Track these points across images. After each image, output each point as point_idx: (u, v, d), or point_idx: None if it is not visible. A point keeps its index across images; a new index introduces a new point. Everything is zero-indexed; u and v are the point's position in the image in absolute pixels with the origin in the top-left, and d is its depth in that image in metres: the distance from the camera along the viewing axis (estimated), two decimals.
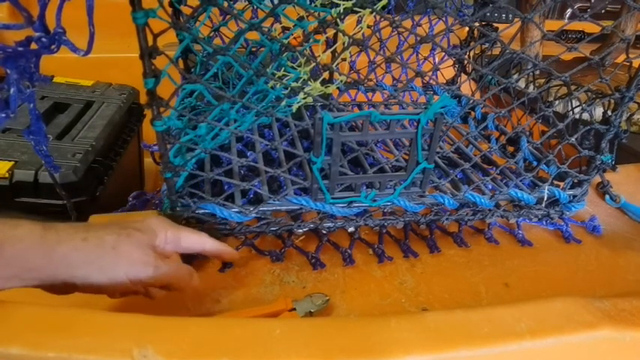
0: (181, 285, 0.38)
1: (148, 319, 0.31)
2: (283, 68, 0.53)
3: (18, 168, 0.55)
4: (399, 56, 0.75)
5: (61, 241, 0.32)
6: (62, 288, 0.33)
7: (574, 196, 0.54)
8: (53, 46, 0.34)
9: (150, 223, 0.38)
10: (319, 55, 0.52)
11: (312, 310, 0.41)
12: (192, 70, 0.64)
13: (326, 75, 0.64)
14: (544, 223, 0.56)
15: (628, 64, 0.47)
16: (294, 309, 0.41)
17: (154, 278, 0.35)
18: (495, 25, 0.76)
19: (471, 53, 0.79)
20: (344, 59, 0.58)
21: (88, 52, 0.36)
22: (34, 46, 0.33)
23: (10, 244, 0.29)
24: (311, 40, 0.50)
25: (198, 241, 0.41)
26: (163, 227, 0.38)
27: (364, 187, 0.49)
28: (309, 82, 0.53)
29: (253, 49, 0.67)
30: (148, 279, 0.35)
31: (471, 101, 0.71)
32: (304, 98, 0.55)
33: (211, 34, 0.63)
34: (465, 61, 0.78)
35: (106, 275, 0.33)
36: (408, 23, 0.75)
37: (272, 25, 0.62)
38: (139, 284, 0.35)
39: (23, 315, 0.30)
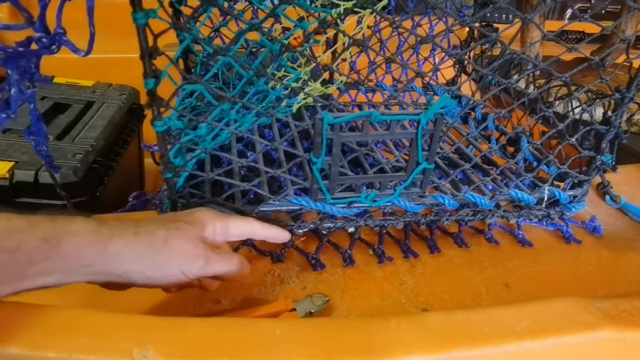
0: (233, 275, 0.38)
1: (148, 319, 0.31)
2: (283, 69, 0.53)
3: (18, 168, 0.55)
4: (399, 57, 0.75)
5: (114, 237, 0.32)
6: (118, 284, 0.33)
7: (574, 197, 0.54)
8: (53, 47, 0.34)
9: (198, 215, 0.38)
10: (319, 56, 0.52)
11: (312, 311, 0.41)
12: (193, 70, 0.64)
13: (326, 75, 0.64)
14: (544, 223, 0.56)
15: (628, 64, 0.47)
16: (295, 309, 0.41)
17: (205, 270, 0.36)
18: (495, 25, 0.76)
19: (471, 54, 0.79)
20: (344, 60, 0.58)
21: (88, 52, 0.36)
22: (34, 46, 0.33)
23: (66, 240, 0.30)
24: (311, 41, 0.50)
25: (247, 228, 0.41)
26: (212, 219, 0.38)
27: (364, 188, 0.49)
28: (309, 83, 0.53)
29: (253, 50, 0.67)
30: (200, 271, 0.35)
31: (471, 102, 0.71)
32: (304, 99, 0.55)
33: (211, 35, 0.63)
34: (465, 62, 0.78)
35: (159, 269, 0.34)
36: (408, 24, 0.75)
37: (272, 25, 0.62)
38: (192, 276, 0.35)
39: (23, 315, 0.30)
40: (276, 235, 0.43)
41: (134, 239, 0.33)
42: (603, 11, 1.34)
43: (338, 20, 0.45)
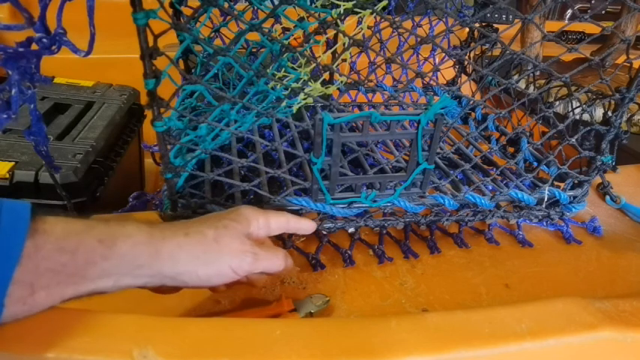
0: (278, 268, 0.38)
1: (148, 319, 0.31)
2: (284, 69, 0.53)
3: (18, 168, 0.55)
4: (399, 57, 0.75)
5: (166, 238, 0.32)
6: (170, 287, 0.34)
7: (574, 197, 0.54)
8: (54, 47, 0.34)
9: (242, 212, 0.38)
10: (319, 56, 0.52)
11: (312, 311, 0.41)
12: (193, 70, 0.64)
13: (326, 76, 0.64)
14: (544, 224, 0.56)
15: (628, 64, 0.47)
16: (295, 310, 0.41)
17: (254, 266, 0.36)
18: (495, 25, 0.76)
19: (472, 54, 0.79)
20: (344, 60, 0.58)
21: (88, 52, 0.36)
22: (34, 46, 0.33)
23: (121, 240, 0.30)
24: (311, 41, 0.50)
25: (284, 221, 0.41)
26: (254, 215, 0.38)
27: (364, 188, 0.49)
28: (309, 83, 0.53)
29: (254, 50, 0.67)
30: (249, 267, 0.36)
31: (472, 102, 0.71)
32: (304, 99, 0.55)
33: (212, 35, 0.63)
34: (466, 62, 0.78)
35: (211, 268, 0.34)
36: (408, 24, 0.75)
37: (272, 25, 0.62)
38: (242, 273, 0.36)
39: None
40: (307, 226, 0.44)
41: (185, 240, 0.33)
42: (603, 11, 1.34)
43: (338, 21, 0.45)
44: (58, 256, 0.27)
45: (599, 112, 0.69)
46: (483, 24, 0.77)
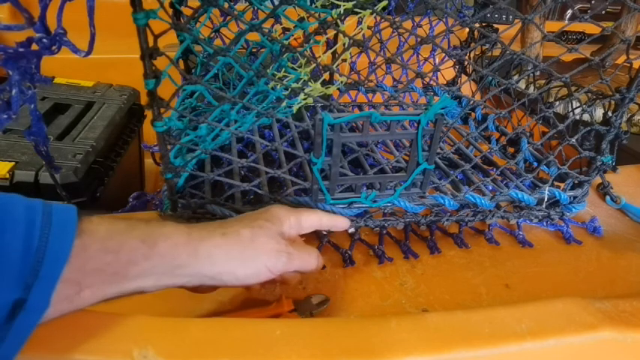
0: (311, 267, 0.39)
1: (148, 319, 0.31)
2: (284, 69, 0.53)
3: (19, 169, 0.55)
4: (399, 57, 0.75)
5: (204, 238, 0.33)
6: (208, 286, 0.34)
7: (574, 197, 0.54)
8: (54, 47, 0.34)
9: (274, 211, 0.39)
10: (320, 56, 0.52)
11: (312, 312, 0.41)
12: (193, 71, 0.64)
13: (326, 76, 0.64)
14: (544, 224, 0.56)
15: (628, 65, 0.47)
16: (295, 310, 0.41)
17: (289, 265, 0.36)
18: (496, 26, 0.76)
19: (472, 54, 0.79)
20: (344, 60, 0.58)
21: (88, 53, 0.37)
22: (35, 47, 0.33)
23: (161, 240, 0.31)
24: (311, 41, 0.50)
25: (316, 219, 0.42)
26: (286, 214, 0.39)
27: (364, 188, 0.49)
28: (309, 83, 0.53)
29: (254, 50, 0.67)
30: (284, 266, 0.36)
31: (472, 102, 0.71)
32: (305, 99, 0.55)
33: (212, 35, 0.63)
34: (466, 62, 0.78)
35: (248, 268, 0.34)
36: (408, 24, 0.75)
37: (272, 26, 0.63)
38: (277, 272, 0.36)
39: None
40: (341, 223, 0.45)
41: (223, 240, 0.34)
42: (603, 12, 1.34)
43: (338, 21, 0.45)
44: (103, 256, 0.28)
45: (599, 113, 0.69)
46: (483, 24, 0.77)
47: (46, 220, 0.26)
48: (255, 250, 0.35)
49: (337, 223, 0.44)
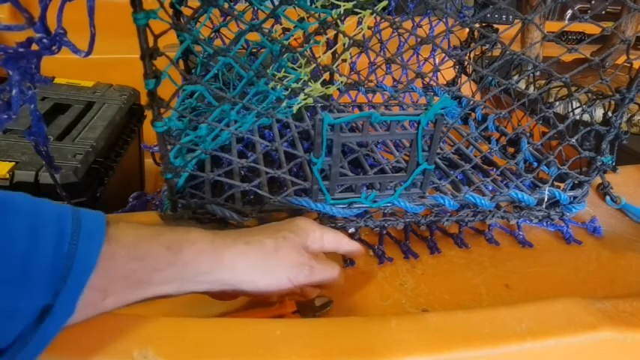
0: (333, 281, 0.39)
1: (148, 319, 0.31)
2: (284, 69, 0.53)
3: (19, 169, 0.55)
4: (399, 57, 0.75)
5: (228, 246, 0.33)
6: (230, 293, 0.35)
7: (574, 197, 0.54)
8: (54, 47, 0.34)
9: (299, 224, 0.39)
10: (320, 56, 0.52)
11: (315, 314, 0.41)
12: (193, 71, 0.64)
13: (326, 76, 0.64)
14: (544, 224, 0.56)
15: (628, 65, 0.47)
16: (298, 311, 0.41)
17: (310, 278, 0.36)
18: (496, 26, 0.76)
19: (472, 54, 0.79)
20: (344, 60, 0.58)
21: (88, 53, 0.37)
22: (35, 47, 0.33)
23: (186, 247, 0.31)
24: (311, 42, 0.50)
25: (337, 240, 0.42)
26: (312, 228, 0.39)
27: (364, 188, 0.49)
28: (309, 83, 0.53)
29: (254, 50, 0.67)
30: (306, 279, 0.36)
31: (472, 102, 0.71)
32: (305, 99, 0.55)
33: (212, 35, 0.63)
34: (466, 63, 0.78)
35: (270, 278, 0.34)
36: (408, 24, 0.75)
37: (272, 26, 0.63)
38: (298, 284, 0.36)
39: None
40: (358, 250, 0.44)
41: (246, 248, 0.34)
42: (603, 12, 1.34)
43: (338, 21, 0.45)
44: (129, 263, 0.28)
45: (599, 113, 0.69)
46: (483, 24, 0.77)
47: (75, 225, 0.27)
48: (278, 260, 0.35)
49: (354, 249, 0.44)
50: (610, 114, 0.50)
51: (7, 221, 0.25)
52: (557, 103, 0.56)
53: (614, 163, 0.65)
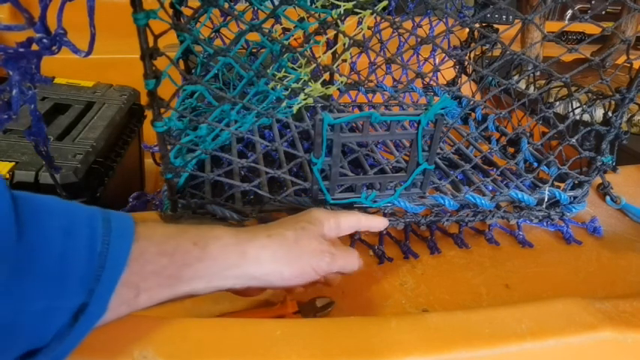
0: (354, 267, 0.40)
1: (148, 319, 0.31)
2: (284, 69, 0.53)
3: (19, 169, 0.55)
4: (399, 57, 0.75)
5: (251, 240, 0.34)
6: (255, 288, 0.35)
7: (575, 198, 0.54)
8: (54, 47, 0.34)
9: (315, 214, 0.39)
10: (320, 57, 0.52)
11: (316, 314, 0.41)
12: (193, 71, 0.64)
13: (326, 76, 0.64)
14: (545, 224, 0.56)
15: (628, 65, 0.47)
16: (299, 312, 0.41)
17: (332, 265, 0.37)
18: (496, 26, 0.76)
19: (472, 54, 0.79)
20: (344, 60, 0.58)
21: (88, 53, 0.37)
22: (35, 47, 0.33)
23: (212, 242, 0.32)
24: (311, 42, 0.50)
25: (355, 220, 0.42)
26: (326, 216, 0.40)
27: (364, 188, 0.49)
28: (309, 83, 0.53)
29: (254, 51, 0.67)
30: (327, 267, 0.37)
31: (472, 102, 0.71)
32: (305, 99, 0.55)
33: (212, 35, 0.63)
34: (466, 63, 0.78)
35: (295, 268, 0.35)
36: (408, 24, 0.75)
37: (272, 26, 0.63)
38: (322, 273, 0.37)
39: None
40: (378, 223, 0.45)
41: (268, 241, 0.34)
42: (604, 12, 1.34)
43: (338, 21, 0.45)
44: (159, 259, 0.29)
45: (599, 113, 0.69)
46: (483, 24, 0.77)
47: (105, 226, 0.27)
48: (300, 250, 0.35)
49: (375, 223, 0.44)
50: (610, 114, 0.50)
51: (42, 222, 0.25)
52: (558, 103, 0.56)
53: (614, 163, 0.65)
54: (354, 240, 0.51)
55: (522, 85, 0.79)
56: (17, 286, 0.23)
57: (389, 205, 0.49)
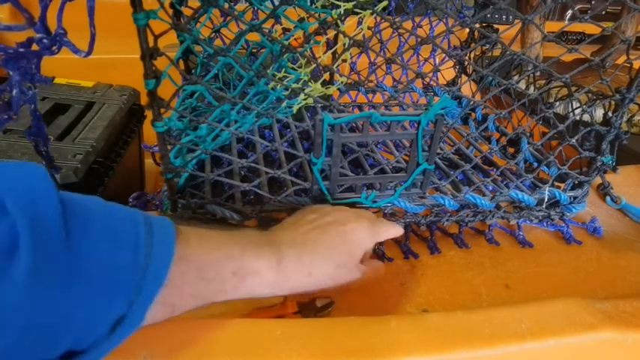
0: (398, 232, 0.43)
1: None
2: (284, 69, 0.53)
3: None
4: (399, 57, 0.75)
5: (290, 279, 0.34)
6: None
7: (575, 198, 0.54)
8: (54, 47, 0.34)
9: (355, 239, 0.40)
10: (320, 57, 0.52)
11: (317, 314, 0.41)
12: (193, 71, 0.64)
13: (326, 76, 0.64)
14: (545, 224, 0.56)
15: (628, 65, 0.47)
16: (299, 312, 0.41)
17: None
18: (496, 26, 0.76)
19: (472, 54, 0.79)
20: (344, 60, 0.58)
21: (89, 53, 0.36)
22: (35, 47, 0.33)
23: (251, 278, 0.32)
24: (311, 42, 0.50)
25: (390, 231, 0.43)
26: (372, 235, 0.41)
27: (364, 188, 0.49)
28: (309, 84, 0.53)
29: (254, 51, 0.67)
30: (354, 280, 0.38)
31: (472, 102, 0.71)
32: (305, 99, 0.55)
33: (212, 36, 0.63)
34: (466, 63, 0.78)
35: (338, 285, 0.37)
36: (408, 24, 0.75)
37: (273, 26, 0.63)
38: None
39: None
40: (396, 232, 0.45)
41: (308, 280, 0.35)
42: (604, 12, 1.34)
43: (338, 21, 0.45)
44: (198, 283, 0.29)
45: (599, 113, 0.69)
46: (483, 24, 0.77)
47: (148, 233, 0.27)
48: (342, 274, 0.37)
49: (392, 232, 0.44)
50: (610, 114, 0.50)
51: (89, 228, 0.25)
52: (558, 103, 0.56)
53: (614, 164, 0.65)
54: None
55: (522, 85, 0.79)
56: (65, 296, 0.23)
57: (389, 205, 0.49)
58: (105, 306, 0.25)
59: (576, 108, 0.61)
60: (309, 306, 0.41)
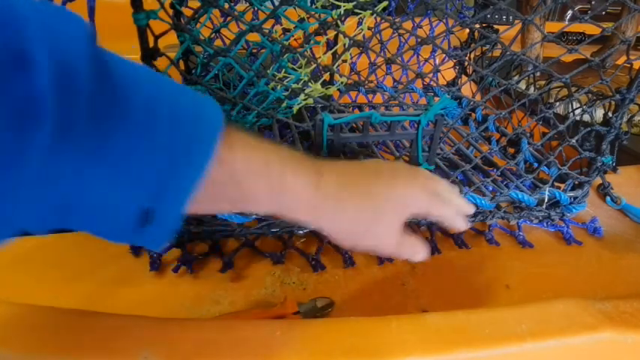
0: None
1: (148, 320, 0.31)
2: (284, 70, 0.53)
3: None
4: (399, 58, 0.75)
5: (324, 206, 0.31)
6: None
7: (575, 198, 0.54)
8: None
9: (407, 196, 0.37)
10: (320, 57, 0.52)
11: (317, 315, 0.41)
12: (193, 71, 0.64)
13: (326, 76, 0.64)
14: (545, 224, 0.56)
15: (628, 65, 0.47)
16: (299, 312, 0.41)
17: (395, 253, 0.36)
18: (496, 26, 0.76)
19: (472, 55, 0.79)
20: (344, 61, 0.58)
21: None
22: None
23: (285, 195, 0.30)
24: (312, 42, 0.50)
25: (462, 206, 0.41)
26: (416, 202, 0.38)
27: None
28: (309, 84, 0.53)
29: (254, 51, 0.67)
30: (386, 244, 0.35)
31: (472, 103, 0.71)
32: (305, 99, 0.55)
33: (212, 36, 0.63)
34: (466, 63, 0.78)
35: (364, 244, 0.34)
36: (408, 25, 0.75)
37: (273, 26, 0.63)
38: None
39: (24, 316, 0.30)
40: (469, 208, 0.43)
41: (342, 217, 0.32)
42: (604, 12, 1.34)
43: (338, 21, 0.45)
44: (231, 189, 0.27)
45: (599, 113, 0.69)
46: (483, 25, 0.77)
47: (194, 127, 0.25)
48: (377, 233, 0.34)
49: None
50: (610, 114, 0.50)
51: (151, 102, 0.24)
52: (558, 103, 0.56)
53: (614, 164, 0.65)
54: None
55: (522, 85, 0.79)
56: (90, 172, 0.21)
57: None
58: (129, 195, 0.23)
59: (576, 108, 0.61)
60: (309, 307, 0.41)
